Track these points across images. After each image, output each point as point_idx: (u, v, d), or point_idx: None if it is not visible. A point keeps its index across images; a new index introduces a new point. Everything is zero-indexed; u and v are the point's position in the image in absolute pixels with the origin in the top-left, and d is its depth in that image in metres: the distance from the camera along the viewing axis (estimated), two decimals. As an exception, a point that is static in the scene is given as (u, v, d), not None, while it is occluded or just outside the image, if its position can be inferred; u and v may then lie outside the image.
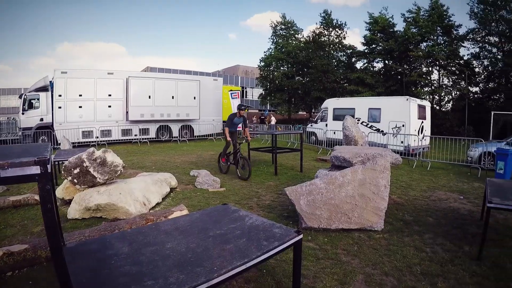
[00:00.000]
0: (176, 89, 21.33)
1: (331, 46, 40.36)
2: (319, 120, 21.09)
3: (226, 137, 10.29)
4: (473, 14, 32.90)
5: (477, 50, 34.21)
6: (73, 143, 16.57)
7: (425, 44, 34.48)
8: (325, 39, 40.40)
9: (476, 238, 5.29)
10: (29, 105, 18.43)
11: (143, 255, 2.89)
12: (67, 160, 6.33)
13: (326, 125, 19.46)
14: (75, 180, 6.26)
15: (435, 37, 34.49)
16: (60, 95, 18.07)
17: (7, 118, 35.32)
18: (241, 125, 10.76)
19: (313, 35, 40.45)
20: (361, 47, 39.11)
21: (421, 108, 17.14)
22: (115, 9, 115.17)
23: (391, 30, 36.26)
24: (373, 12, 38.71)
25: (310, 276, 4.08)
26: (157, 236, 3.32)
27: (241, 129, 11.66)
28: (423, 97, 32.29)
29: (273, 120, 33.28)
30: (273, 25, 42.62)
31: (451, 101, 36.30)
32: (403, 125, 15.95)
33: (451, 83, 35.38)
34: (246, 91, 57.88)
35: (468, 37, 34.19)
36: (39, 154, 2.05)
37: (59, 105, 18.13)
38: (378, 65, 39.25)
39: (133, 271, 2.59)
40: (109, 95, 19.39)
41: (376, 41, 36.37)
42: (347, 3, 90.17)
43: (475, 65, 34.92)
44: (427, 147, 16.70)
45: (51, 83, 18.41)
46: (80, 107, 18.58)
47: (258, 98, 47.73)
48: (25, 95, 18.53)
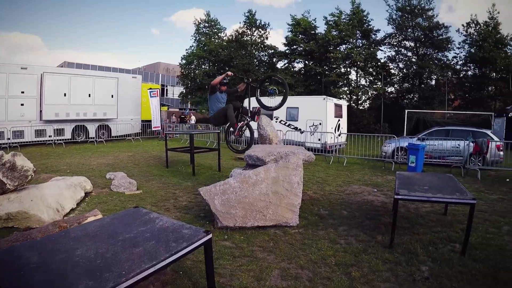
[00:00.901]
0: (93, 87, 20.77)
1: (253, 46, 42.10)
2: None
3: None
4: (391, 20, 37.63)
5: (393, 53, 38.84)
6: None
7: (344, 46, 37.82)
8: (248, 38, 42.12)
9: (388, 227, 5.77)
10: None
11: (53, 263, 2.89)
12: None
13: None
14: (-18, 187, 5.79)
15: (354, 40, 37.95)
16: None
17: None
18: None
19: (236, 34, 42.07)
20: (282, 48, 41.72)
21: (338, 107, 18.57)
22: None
23: (313, 32, 39.16)
24: (296, 14, 41.34)
25: (226, 274, 4.26)
26: (67, 243, 3.31)
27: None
28: (341, 96, 35.43)
29: (193, 119, 33.35)
30: (197, 23, 43.42)
31: (368, 100, 40.29)
32: (320, 123, 17.23)
33: (368, 83, 39.11)
34: (166, 89, 57.95)
35: (385, 41, 38.72)
36: None
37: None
38: (298, 65, 42.13)
39: (42, 281, 2.59)
40: (22, 92, 18.07)
41: (297, 42, 38.89)
42: (272, 4, 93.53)
43: (391, 67, 39.34)
44: (343, 144, 18.15)
45: None
46: (-11, 105, 16.97)
47: (178, 96, 47.77)
48: None
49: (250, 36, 42.36)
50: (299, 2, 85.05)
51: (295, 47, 39.78)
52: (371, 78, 38.88)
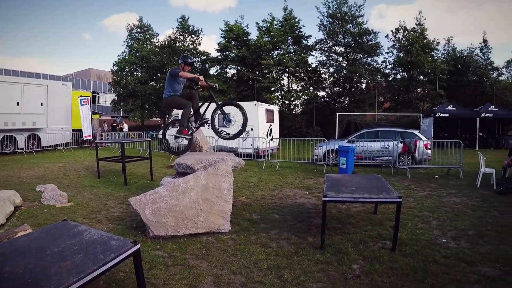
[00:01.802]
0: (21, 95, 19.92)
1: (186, 52, 41.53)
2: (170, 126, 21.46)
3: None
4: (322, 26, 39.31)
5: (324, 58, 40.57)
6: None
7: (276, 52, 38.71)
8: (181, 44, 41.97)
9: (319, 229, 5.79)
10: None
11: (-20, 282, 2.85)
12: None
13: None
14: None
15: (286, 46, 39.04)
16: None
17: None
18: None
19: (168, 40, 41.94)
20: (215, 54, 41.83)
21: (269, 112, 18.98)
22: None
23: (245, 38, 39.73)
24: (229, 20, 41.86)
25: (159, 284, 4.27)
26: (-6, 260, 3.28)
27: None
28: (274, 101, 36.35)
29: (126, 127, 32.61)
30: (129, 28, 42.75)
31: (300, 105, 41.61)
32: (252, 129, 17.41)
33: (300, 88, 40.24)
34: (98, 97, 56.56)
35: (316, 47, 40.32)
36: None
37: None
38: (231, 71, 42.50)
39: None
40: None
41: (230, 48, 39.25)
42: (206, 9, 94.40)
43: (322, 72, 41.02)
44: (276, 149, 18.57)
45: None
46: None
47: (110, 104, 46.58)
48: None
49: (182, 42, 42.45)
50: (233, 8, 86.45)
51: (227, 53, 40.16)
52: (303, 83, 40.09)
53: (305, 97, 39.33)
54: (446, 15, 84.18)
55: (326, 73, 41.09)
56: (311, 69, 39.89)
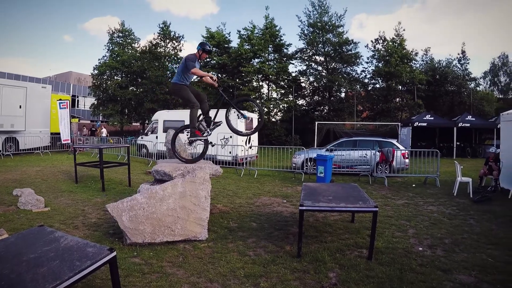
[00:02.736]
0: (0, 96, 19.88)
1: (167, 57, 42.18)
2: (149, 132, 22.04)
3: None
4: (303, 35, 39.77)
5: (304, 67, 41.05)
6: None
7: (257, 60, 38.86)
8: (162, 50, 42.22)
9: (297, 237, 5.80)
10: None
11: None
12: None
13: (156, 137, 20.37)
14: None
15: (266, 55, 39.20)
16: None
17: None
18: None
19: (149, 45, 42.01)
20: None
21: (248, 120, 19.12)
22: None
23: (226, 45, 39.89)
24: (210, 27, 41.62)
25: None
26: (-30, 266, 3.27)
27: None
28: (253, 109, 36.43)
29: (104, 132, 32.37)
30: (111, 32, 42.54)
31: (279, 113, 41.63)
32: (231, 136, 17.54)
33: (280, 96, 40.53)
34: (78, 100, 55.62)
35: (296, 56, 40.77)
36: None
37: None
38: None
39: None
40: None
41: (210, 55, 39.09)
42: (188, 15, 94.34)
43: (302, 80, 41.42)
44: (254, 156, 18.63)
45: None
46: None
47: (90, 108, 46.22)
48: None
49: (164, 47, 42.63)
50: (215, 14, 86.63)
51: (208, 60, 39.98)
52: (283, 91, 40.33)
53: (285, 105, 39.64)
54: (425, 26, 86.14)
55: (305, 82, 41.60)
56: (291, 77, 40.25)
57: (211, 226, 6.72)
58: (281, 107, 40.37)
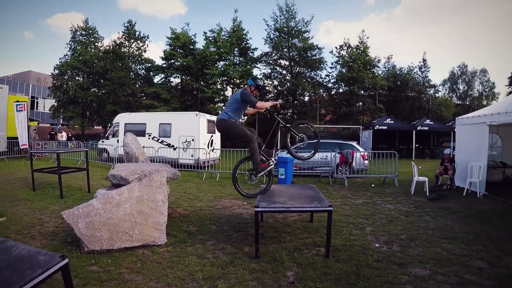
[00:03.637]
0: None
1: (131, 58, 41.15)
2: (110, 136, 21.22)
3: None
4: (269, 39, 40.33)
5: (269, 71, 41.63)
6: None
7: (222, 63, 38.98)
8: (126, 50, 41.12)
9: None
10: None
11: None
12: None
13: (117, 141, 19.65)
14: None
15: (232, 57, 39.40)
16: None
17: None
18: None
19: (113, 44, 40.78)
20: (160, 62, 41.24)
21: (211, 122, 18.89)
22: None
23: (192, 47, 39.60)
24: (176, 28, 41.13)
25: None
26: None
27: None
28: (218, 112, 36.51)
29: (64, 135, 31.33)
30: (74, 29, 41.08)
31: (243, 116, 41.82)
32: (193, 139, 17.51)
33: (244, 100, 40.75)
34: (37, 102, 53.85)
35: (262, 59, 41.24)
36: None
37: None
38: (175, 80, 42.01)
39: None
40: None
41: (175, 56, 38.85)
42: (156, 14, 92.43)
43: (266, 84, 41.39)
44: (217, 159, 18.59)
45: None
46: None
47: (50, 110, 44.42)
48: None
49: (128, 47, 41.60)
50: (183, 15, 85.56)
51: (172, 61, 39.78)
52: (247, 94, 40.40)
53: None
54: (391, 35, 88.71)
55: (270, 85, 41.94)
56: (255, 81, 40.34)
57: (170, 230, 6.66)
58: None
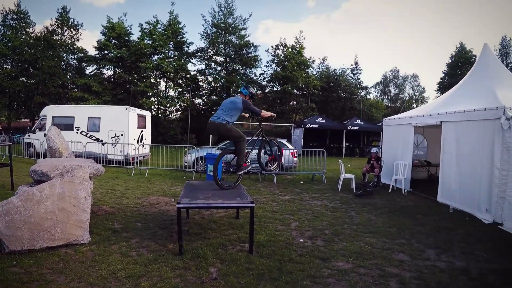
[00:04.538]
0: None
1: (63, 47, 38.97)
2: (37, 129, 19.93)
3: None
4: (206, 35, 40.26)
5: (204, 67, 41.42)
6: None
7: (156, 56, 38.30)
8: (58, 38, 38.82)
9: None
10: None
11: None
12: None
13: (44, 135, 18.39)
14: None
15: (167, 51, 38.86)
16: None
17: None
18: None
19: (45, 31, 38.32)
20: (93, 52, 39.39)
21: (141, 117, 18.62)
22: None
23: (127, 38, 38.44)
24: (112, 17, 39.30)
25: None
26: None
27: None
28: (150, 106, 35.83)
29: None
30: (4, 13, 38.18)
31: (176, 111, 41.75)
32: (122, 134, 17.03)
33: (177, 95, 40.25)
34: None
35: (197, 54, 41.04)
36: None
37: None
38: (108, 72, 40.58)
39: None
40: None
41: (109, 47, 37.38)
42: (93, 2, 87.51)
43: (200, 79, 41.75)
44: (147, 155, 18.22)
45: None
46: None
47: None
48: None
49: (60, 35, 39.33)
50: (121, 4, 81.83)
51: (106, 52, 38.29)
52: (180, 89, 40.06)
53: (182, 103, 39.54)
54: (328, 37, 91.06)
55: (204, 81, 41.94)
56: (189, 76, 40.24)
57: (95, 228, 6.45)
58: (178, 105, 40.24)
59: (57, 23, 39.35)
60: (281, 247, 5.70)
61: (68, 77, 39.21)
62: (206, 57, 41.35)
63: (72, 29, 40.08)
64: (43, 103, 33.70)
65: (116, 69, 39.02)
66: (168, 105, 39.74)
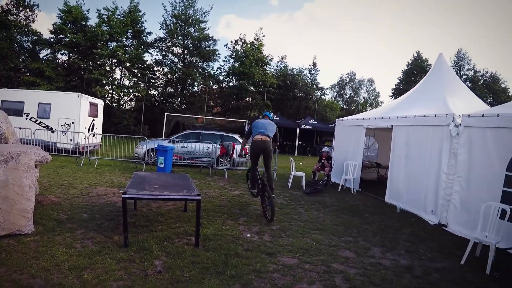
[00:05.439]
0: None
1: (17, 28, 36.61)
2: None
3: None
4: (165, 25, 39.89)
5: (161, 57, 40.98)
6: None
7: (113, 44, 37.24)
8: (12, 18, 36.36)
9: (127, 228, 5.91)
10: None
11: None
12: None
13: None
14: None
15: (124, 39, 38.00)
16: None
17: None
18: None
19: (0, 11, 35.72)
20: (48, 35, 37.69)
21: (93, 106, 18.14)
22: None
23: (83, 23, 37.05)
24: (70, 0, 37.13)
25: None
26: None
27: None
28: (104, 95, 34.93)
29: None
30: None
31: (130, 101, 41.14)
32: (73, 122, 16.52)
33: (132, 84, 39.59)
34: None
35: (155, 45, 40.48)
36: None
37: None
38: (62, 57, 38.91)
39: None
40: None
41: (65, 31, 35.88)
42: None
43: (156, 70, 41.24)
44: (98, 145, 17.83)
45: None
46: None
47: None
48: None
49: (15, 16, 36.91)
50: None
51: (62, 36, 36.75)
52: (135, 79, 39.45)
53: (136, 94, 38.88)
54: (289, 36, 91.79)
55: (160, 72, 41.47)
56: (145, 66, 39.66)
57: (40, 218, 6.27)
58: (133, 95, 39.58)
59: (12, 3, 36.86)
60: (228, 241, 5.75)
61: (20, 60, 37.22)
62: (163, 48, 40.92)
63: (28, 10, 37.68)
64: (-8, 88, 32.04)
65: (71, 55, 37.46)
66: (122, 95, 38.88)
